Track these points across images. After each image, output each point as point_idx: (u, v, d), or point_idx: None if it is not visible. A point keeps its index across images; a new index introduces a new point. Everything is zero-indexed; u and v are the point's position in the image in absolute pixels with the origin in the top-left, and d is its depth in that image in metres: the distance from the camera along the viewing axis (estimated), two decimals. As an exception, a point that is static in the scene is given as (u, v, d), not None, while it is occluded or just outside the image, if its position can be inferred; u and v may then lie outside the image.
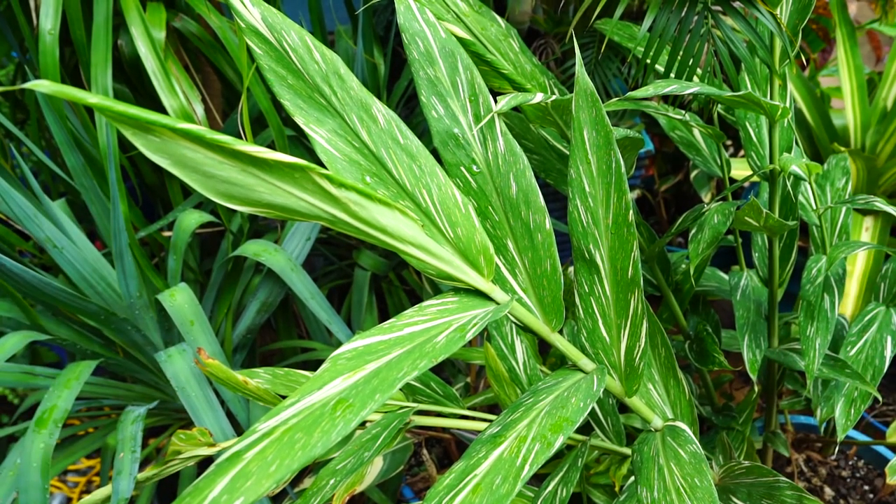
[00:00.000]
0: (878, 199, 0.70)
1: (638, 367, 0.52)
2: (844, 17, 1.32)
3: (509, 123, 0.73)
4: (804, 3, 0.69)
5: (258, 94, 0.96)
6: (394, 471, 0.74)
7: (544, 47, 1.16)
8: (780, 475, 0.68)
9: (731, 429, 0.87)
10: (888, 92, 1.27)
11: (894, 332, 0.79)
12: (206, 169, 0.36)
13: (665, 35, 0.65)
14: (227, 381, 0.58)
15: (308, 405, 0.37)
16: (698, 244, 0.76)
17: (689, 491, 0.48)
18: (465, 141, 0.50)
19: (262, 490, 0.34)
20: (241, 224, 1.07)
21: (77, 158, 0.95)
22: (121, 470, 0.72)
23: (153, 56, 0.95)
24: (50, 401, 0.78)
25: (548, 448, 0.42)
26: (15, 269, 0.83)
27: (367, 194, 0.39)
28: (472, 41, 0.65)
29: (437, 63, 0.49)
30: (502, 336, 0.70)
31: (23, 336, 0.86)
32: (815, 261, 0.77)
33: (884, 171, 1.25)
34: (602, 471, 0.92)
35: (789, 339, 0.85)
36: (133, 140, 0.35)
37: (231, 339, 1.03)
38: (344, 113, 0.44)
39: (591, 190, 0.50)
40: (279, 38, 0.43)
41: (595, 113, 0.49)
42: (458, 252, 0.46)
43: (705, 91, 0.59)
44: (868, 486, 1.06)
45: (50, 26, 0.89)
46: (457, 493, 0.42)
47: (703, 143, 0.85)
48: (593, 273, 0.52)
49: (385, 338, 0.41)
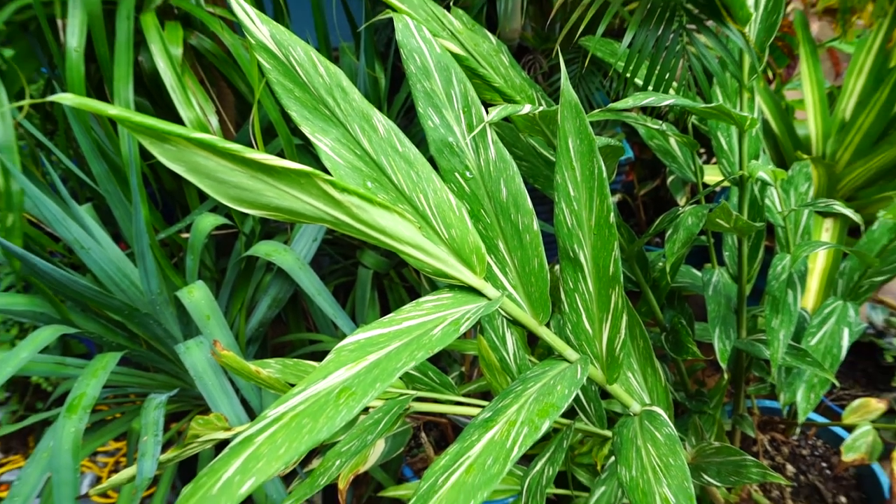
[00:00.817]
0: (837, 203, 0.71)
1: (618, 357, 0.52)
2: (807, 36, 1.32)
3: (500, 133, 0.72)
4: (771, 22, 0.69)
5: (268, 106, 0.96)
6: (395, 452, 0.74)
7: (532, 62, 1.15)
8: (747, 454, 0.68)
9: (703, 413, 0.87)
10: (846, 105, 1.27)
11: (850, 324, 0.79)
12: (218, 175, 0.35)
13: (643, 51, 0.65)
14: (241, 370, 0.58)
15: (314, 393, 0.36)
16: (674, 244, 0.76)
17: (665, 469, 0.48)
18: (459, 149, 0.49)
19: (272, 471, 0.34)
20: (253, 226, 1.06)
21: (102, 166, 0.95)
22: (145, 452, 0.72)
23: (171, 71, 0.95)
24: (79, 389, 0.78)
25: (535, 431, 0.42)
26: (46, 269, 0.83)
27: (368, 198, 0.39)
28: (466, 56, 0.64)
29: (433, 77, 0.49)
30: (494, 329, 0.70)
31: (54, 329, 0.86)
32: (779, 259, 0.77)
33: (842, 177, 1.25)
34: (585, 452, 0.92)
35: (756, 331, 0.85)
36: (151, 149, 0.34)
37: (244, 332, 1.02)
38: (347, 123, 0.44)
39: (576, 194, 0.50)
40: (287, 54, 0.43)
41: (579, 123, 0.49)
42: (453, 252, 0.46)
43: (680, 103, 0.59)
44: (826, 463, 1.06)
45: (76, 44, 0.89)
46: (452, 473, 0.42)
47: (679, 151, 0.85)
48: (577, 271, 0.52)
49: (385, 331, 0.41)
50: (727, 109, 0.60)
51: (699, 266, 0.94)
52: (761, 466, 0.66)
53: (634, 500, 0.48)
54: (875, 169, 1.20)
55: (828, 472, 1.05)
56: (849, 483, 1.04)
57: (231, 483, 0.33)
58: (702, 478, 0.69)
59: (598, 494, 0.66)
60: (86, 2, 0.88)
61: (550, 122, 0.62)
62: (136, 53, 1.00)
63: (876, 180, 1.22)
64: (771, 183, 0.74)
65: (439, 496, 0.41)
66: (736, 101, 0.75)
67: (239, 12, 0.41)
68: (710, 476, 0.68)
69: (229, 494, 0.33)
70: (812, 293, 1.07)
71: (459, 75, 0.50)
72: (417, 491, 0.42)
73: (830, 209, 0.70)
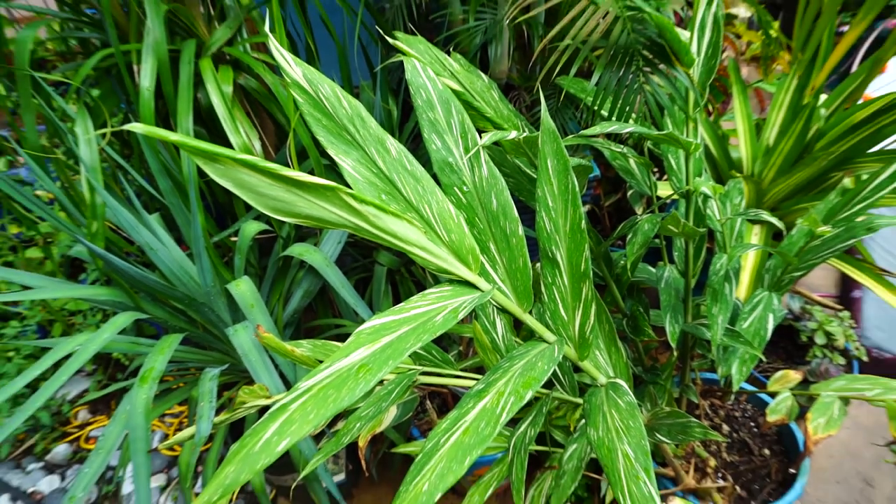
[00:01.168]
0: (764, 212, 0.70)
1: (588, 339, 0.52)
2: (738, 78, 1.31)
3: (491, 154, 0.71)
4: (710, 66, 0.69)
5: (301, 133, 0.95)
6: (404, 417, 0.73)
7: (517, 97, 1.15)
8: (692, 417, 0.67)
9: (657, 383, 0.86)
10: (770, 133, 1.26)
11: (774, 310, 0.79)
12: (260, 189, 0.35)
13: (608, 89, 0.65)
14: (279, 349, 0.57)
15: (338, 369, 0.36)
16: (633, 245, 0.75)
17: (626, 430, 0.47)
18: (458, 167, 0.49)
19: (303, 432, 0.33)
20: (289, 231, 1.06)
21: (167, 183, 0.94)
22: (202, 415, 0.71)
23: (223, 105, 0.94)
24: (150, 363, 0.77)
25: (520, 400, 0.42)
26: (123, 266, 0.83)
27: (382, 208, 0.38)
28: (463, 92, 0.64)
29: (436, 108, 0.49)
30: (486, 316, 0.69)
31: (130, 315, 0.85)
32: (718, 258, 0.77)
33: (767, 192, 1.24)
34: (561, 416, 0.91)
35: (699, 317, 0.84)
36: (205, 168, 0.34)
37: (282, 318, 1.02)
38: (365, 146, 0.43)
39: (554, 205, 0.49)
40: (316, 90, 0.42)
41: (556, 147, 0.48)
42: (452, 252, 0.45)
43: (638, 130, 0.59)
44: (754, 423, 1.06)
45: (147, 84, 0.88)
46: (452, 434, 0.41)
47: (637, 169, 0.84)
48: (555, 268, 0.51)
49: (397, 317, 0.40)
50: (676, 136, 0.60)
51: (654, 264, 0.93)
52: (703, 426, 0.65)
53: (601, 455, 0.47)
54: (793, 185, 1.20)
55: (755, 430, 1.04)
56: (771, 439, 1.03)
57: (270, 442, 0.33)
58: (655, 436, 0.68)
59: (571, 450, 0.65)
60: (156, 50, 0.88)
61: (532, 146, 0.61)
62: (195, 91, 0.99)
63: (794, 194, 1.22)
64: (711, 196, 0.73)
65: (441, 453, 0.40)
66: (683, 129, 0.74)
67: (278, 57, 0.41)
68: (662, 435, 0.68)
69: (268, 451, 0.33)
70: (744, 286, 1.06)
71: (458, 107, 0.49)
72: (423, 448, 0.41)
73: (759, 218, 0.69)
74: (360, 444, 0.65)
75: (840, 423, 0.70)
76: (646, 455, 0.45)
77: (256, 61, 0.98)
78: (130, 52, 0.93)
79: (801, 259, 0.79)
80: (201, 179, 0.98)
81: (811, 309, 1.32)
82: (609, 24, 0.62)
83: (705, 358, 0.97)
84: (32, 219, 1.42)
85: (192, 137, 0.32)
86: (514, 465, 0.60)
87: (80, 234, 0.87)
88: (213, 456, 0.94)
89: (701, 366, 1.00)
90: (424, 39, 0.67)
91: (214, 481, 0.32)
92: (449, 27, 1.12)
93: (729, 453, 1.01)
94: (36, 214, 1.28)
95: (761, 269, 1.10)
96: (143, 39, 0.88)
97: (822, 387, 0.77)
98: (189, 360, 1.00)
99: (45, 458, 1.37)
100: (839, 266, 1.08)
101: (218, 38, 1.01)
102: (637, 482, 0.44)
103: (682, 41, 0.61)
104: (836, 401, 0.73)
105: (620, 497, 0.44)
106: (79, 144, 0.86)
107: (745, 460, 1.00)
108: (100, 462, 0.74)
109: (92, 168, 0.86)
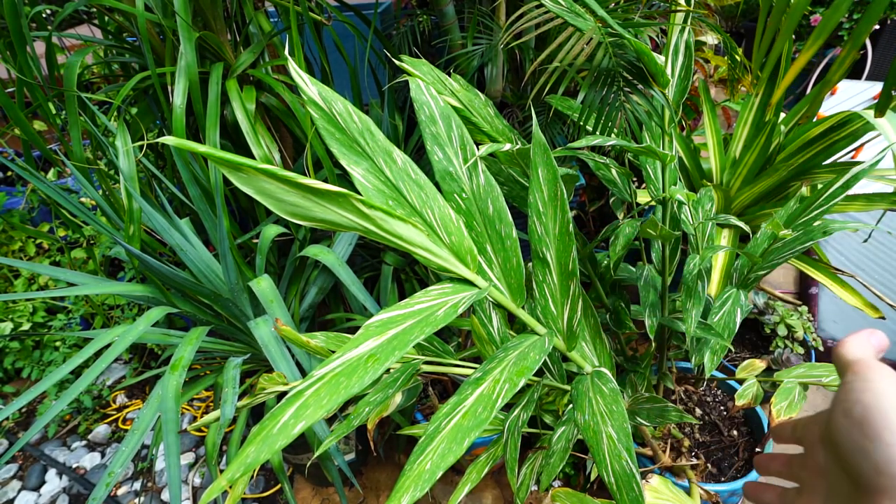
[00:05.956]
0: (732, 217, 0.69)
1: (575, 331, 0.51)
2: (708, 97, 1.31)
3: (488, 165, 0.71)
4: (683, 86, 0.68)
5: (317, 146, 0.95)
6: (409, 402, 0.72)
7: (511, 113, 1.14)
8: (668, 402, 0.67)
9: (637, 371, 0.86)
10: (736, 147, 1.26)
11: (742, 305, 0.78)
12: (278, 196, 0.34)
13: (592, 106, 0.64)
14: (296, 341, 0.56)
15: (349, 358, 0.35)
16: (615, 247, 0.75)
17: (609, 414, 0.47)
18: (458, 176, 0.48)
19: (317, 416, 0.33)
20: (305, 234, 1.05)
21: (196, 190, 0.94)
22: (226, 399, 0.70)
23: (246, 121, 0.94)
24: (180, 353, 0.76)
25: (514, 387, 0.41)
26: (157, 266, 0.82)
27: (389, 213, 0.38)
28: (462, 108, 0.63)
29: (437, 123, 0.48)
30: (483, 310, 0.69)
31: (162, 310, 0.85)
32: (692, 258, 0.76)
33: (734, 199, 1.24)
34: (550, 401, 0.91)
35: (675, 311, 0.83)
36: (229, 176, 0.33)
37: (298, 313, 1.01)
38: (374, 157, 0.43)
39: (544, 210, 0.49)
40: (330, 107, 0.41)
41: (546, 158, 0.48)
42: (453, 253, 0.44)
43: (619, 144, 0.58)
44: (723, 406, 1.05)
45: (179, 103, 0.88)
46: (452, 418, 0.41)
47: (619, 178, 0.84)
48: (545, 267, 0.50)
49: (402, 312, 0.40)
50: (653, 149, 0.59)
51: (634, 263, 0.93)
52: (679, 410, 0.65)
53: (587, 436, 0.46)
54: (757, 193, 1.19)
55: (725, 413, 1.04)
56: (739, 421, 1.03)
57: (287, 425, 0.32)
58: (636, 419, 0.68)
59: (560, 432, 0.64)
60: (187, 73, 0.88)
61: (525, 157, 0.61)
62: (222, 108, 0.99)
63: (758, 201, 1.21)
64: (685, 203, 0.72)
65: (442, 435, 0.40)
66: (660, 142, 0.74)
67: (296, 78, 0.40)
68: (642, 418, 0.67)
69: (285, 433, 0.32)
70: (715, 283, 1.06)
71: (457, 122, 0.49)
72: (426, 430, 0.41)
73: (727, 222, 0.69)
74: (368, 426, 0.65)
75: (800, 406, 0.70)
76: (627, 436, 0.44)
77: (277, 82, 0.97)
78: (165, 74, 0.93)
79: (765, 259, 0.78)
80: (227, 187, 0.97)
81: (774, 304, 1.32)
82: (593, 48, 0.61)
83: (680, 348, 0.97)
84: (77, 223, 1.42)
85: (219, 149, 0.32)
86: (509, 446, 0.59)
87: (119, 237, 0.86)
88: (236, 436, 0.93)
89: (676, 355, 0.99)
90: (427, 62, 0.67)
91: (237, 460, 0.32)
92: (449, 51, 1.12)
93: (701, 434, 1.00)
94: (81, 219, 1.28)
95: (730, 268, 1.09)
96: (177, 63, 0.88)
97: (784, 374, 0.76)
98: (215, 350, 0.99)
99: (87, 437, 1.36)
100: (798, 265, 1.07)
101: (243, 62, 1.01)
102: (619, 461, 0.44)
103: (659, 64, 0.61)
104: (796, 386, 0.73)
105: (604, 474, 0.44)
106: (118, 156, 0.86)
107: (715, 440, 0.99)
108: (135, 441, 0.73)
109: (130, 177, 0.85)
